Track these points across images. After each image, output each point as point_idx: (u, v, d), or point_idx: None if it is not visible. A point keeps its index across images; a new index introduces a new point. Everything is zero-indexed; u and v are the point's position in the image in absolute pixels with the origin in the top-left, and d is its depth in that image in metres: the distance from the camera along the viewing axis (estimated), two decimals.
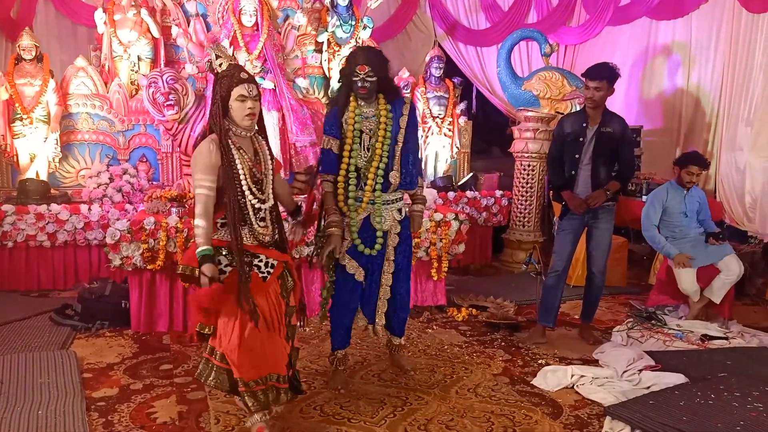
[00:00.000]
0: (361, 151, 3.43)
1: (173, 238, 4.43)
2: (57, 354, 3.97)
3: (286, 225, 3.24)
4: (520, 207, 6.91)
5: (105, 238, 4.50)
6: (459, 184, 7.33)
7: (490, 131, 8.96)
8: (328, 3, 6.90)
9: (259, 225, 2.94)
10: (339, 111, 3.45)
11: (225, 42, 6.05)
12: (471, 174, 7.43)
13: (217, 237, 2.88)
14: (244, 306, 2.78)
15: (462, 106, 7.57)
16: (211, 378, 2.89)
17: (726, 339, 4.45)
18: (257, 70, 6.02)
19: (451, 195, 6.91)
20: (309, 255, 3.76)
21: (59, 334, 4.42)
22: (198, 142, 3.04)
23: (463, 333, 4.62)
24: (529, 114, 6.80)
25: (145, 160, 6.38)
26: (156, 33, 6.44)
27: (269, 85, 6.13)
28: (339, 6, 6.85)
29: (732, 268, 4.77)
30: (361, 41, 7.04)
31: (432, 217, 4.94)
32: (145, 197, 4.98)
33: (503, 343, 4.43)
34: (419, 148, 3.67)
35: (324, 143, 3.46)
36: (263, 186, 2.96)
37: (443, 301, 5.17)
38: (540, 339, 4.43)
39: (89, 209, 5.63)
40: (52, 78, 6.05)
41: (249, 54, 6.03)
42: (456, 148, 7.46)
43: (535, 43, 7.79)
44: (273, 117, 6.08)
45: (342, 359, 3.65)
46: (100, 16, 6.37)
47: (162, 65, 6.43)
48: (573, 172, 4.26)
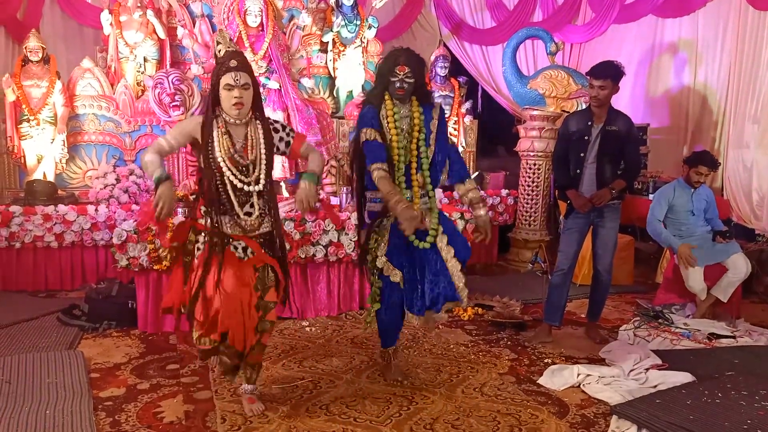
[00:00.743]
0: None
1: None
2: (64, 354, 3.99)
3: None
4: (525, 206, 6.90)
5: (112, 238, 4.52)
6: None
7: (495, 130, 8.94)
8: (332, 3, 6.92)
9: (242, 210, 2.97)
10: (376, 110, 3.36)
11: None
12: (477, 173, 7.43)
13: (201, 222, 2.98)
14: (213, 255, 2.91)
15: (467, 105, 7.56)
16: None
17: (733, 337, 4.43)
18: (262, 70, 6.04)
19: (457, 194, 6.89)
20: (358, 259, 3.62)
21: (66, 334, 4.44)
22: None
23: (469, 332, 4.61)
24: (535, 113, 6.79)
25: None
26: (162, 34, 6.47)
27: (274, 86, 6.14)
28: (344, 6, 6.86)
29: (739, 266, 4.75)
30: (366, 41, 7.05)
31: None
32: (152, 198, 5.00)
33: (509, 342, 4.43)
34: (455, 145, 3.66)
35: (366, 135, 3.30)
36: (249, 171, 2.97)
37: None
38: (546, 338, 4.42)
39: (96, 210, 5.65)
40: (58, 79, 6.07)
41: (254, 54, 6.04)
42: (461, 147, 7.45)
43: (541, 42, 7.79)
44: (278, 117, 6.10)
45: (394, 352, 3.72)
46: (106, 17, 6.41)
47: (168, 66, 6.47)
48: (578, 170, 4.25)
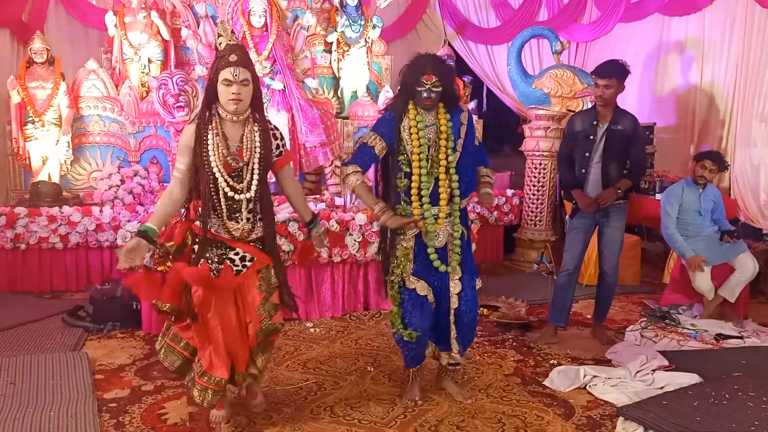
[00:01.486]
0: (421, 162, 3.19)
1: None
2: (69, 355, 3.99)
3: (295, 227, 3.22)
4: (531, 206, 6.87)
5: (116, 239, 4.52)
6: None
7: (500, 130, 8.92)
8: (337, 3, 6.91)
9: (232, 218, 2.89)
10: (397, 117, 3.20)
11: None
12: None
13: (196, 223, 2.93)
14: (185, 298, 2.84)
15: (472, 104, 7.54)
16: (162, 354, 3.02)
17: (741, 338, 4.40)
18: (266, 70, 6.03)
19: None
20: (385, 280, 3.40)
21: (71, 335, 4.44)
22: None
23: (475, 333, 4.58)
24: (540, 112, 6.77)
25: (156, 161, 6.41)
26: (166, 35, 6.47)
27: (279, 86, 6.13)
28: (348, 6, 6.85)
29: (747, 266, 4.71)
30: (370, 41, 7.04)
31: None
32: (156, 199, 5.00)
33: (515, 343, 4.40)
34: (480, 143, 3.56)
35: (367, 138, 3.20)
36: (242, 175, 2.88)
37: None
38: (552, 339, 4.40)
39: (101, 211, 5.66)
40: (63, 81, 6.09)
41: (258, 55, 6.04)
42: None
43: (546, 41, 7.76)
44: (283, 117, 6.09)
45: (417, 372, 3.47)
46: (110, 18, 6.42)
47: (172, 67, 6.48)
48: (583, 170, 4.22)
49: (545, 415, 3.27)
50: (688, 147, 7.06)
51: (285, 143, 3.09)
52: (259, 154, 2.90)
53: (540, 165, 6.77)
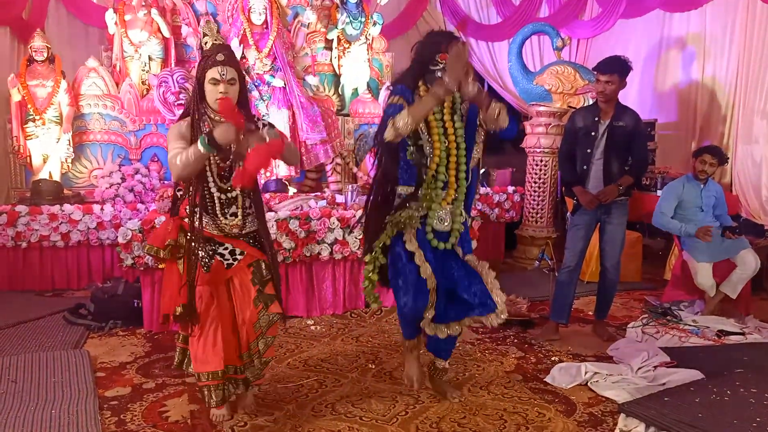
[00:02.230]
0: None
1: None
2: (70, 353, 3.99)
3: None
4: (532, 203, 6.86)
5: (117, 237, 4.52)
6: None
7: None
8: (337, 0, 6.89)
9: (225, 216, 2.93)
10: (410, 91, 3.01)
11: (234, 41, 6.06)
12: (483, 170, 7.38)
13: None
14: (184, 295, 2.89)
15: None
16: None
17: (742, 334, 4.39)
18: (267, 68, 6.03)
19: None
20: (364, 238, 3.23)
21: (72, 333, 4.45)
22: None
23: (476, 330, 4.58)
24: (541, 109, 6.75)
25: (157, 159, 6.41)
26: (166, 33, 6.46)
27: (279, 83, 6.13)
28: (348, 3, 6.84)
29: (748, 262, 4.70)
30: (371, 38, 7.02)
31: None
32: (157, 196, 5.01)
33: (516, 340, 4.40)
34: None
35: (395, 99, 2.97)
36: (232, 172, 2.91)
37: None
38: (553, 336, 4.39)
39: (102, 209, 5.66)
40: (63, 79, 6.08)
41: (259, 52, 6.03)
42: None
43: (547, 38, 7.75)
44: (283, 115, 6.09)
45: (416, 344, 3.37)
46: (110, 16, 6.41)
47: (173, 65, 6.47)
48: (585, 167, 4.21)
49: (547, 412, 3.27)
50: (689, 143, 7.04)
51: (270, 126, 3.10)
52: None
53: (541, 162, 6.76)
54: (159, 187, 6.06)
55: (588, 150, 4.19)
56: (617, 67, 4.08)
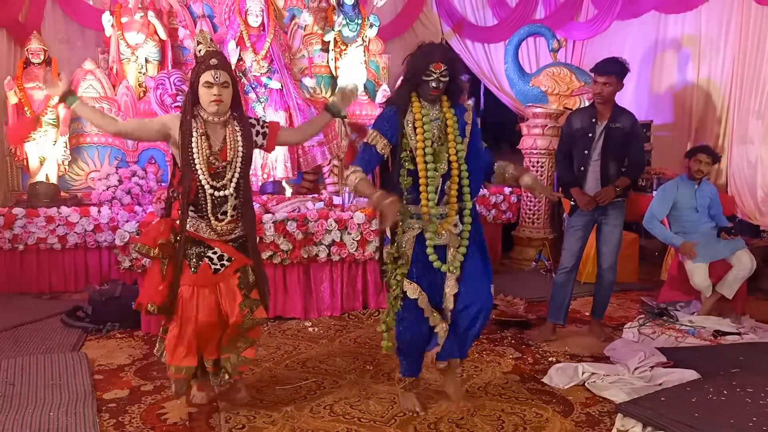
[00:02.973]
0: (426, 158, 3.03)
1: None
2: (68, 356, 3.99)
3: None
4: (529, 204, 6.88)
5: (115, 240, 4.53)
6: None
7: (498, 128, 8.91)
8: (334, 2, 6.90)
9: (216, 216, 3.01)
10: (399, 111, 3.04)
11: (231, 43, 6.07)
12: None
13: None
14: (161, 295, 2.99)
15: (470, 102, 7.53)
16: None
17: (738, 334, 4.41)
18: (264, 70, 6.03)
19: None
20: (383, 277, 3.20)
21: (70, 335, 4.45)
22: None
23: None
24: (538, 110, 6.77)
25: (154, 161, 6.41)
26: (163, 35, 6.47)
27: (276, 85, 6.13)
28: (345, 5, 6.84)
29: (744, 262, 4.72)
30: (368, 40, 7.03)
31: None
32: (154, 199, 5.00)
33: (513, 341, 4.41)
34: (486, 148, 3.42)
35: (369, 137, 3.04)
36: (224, 173, 3.01)
37: None
38: (550, 336, 4.40)
39: (99, 211, 5.66)
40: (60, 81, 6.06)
41: (255, 54, 6.04)
42: None
43: (543, 39, 7.76)
44: (280, 117, 6.10)
45: (413, 383, 3.31)
46: (107, 18, 6.41)
47: (169, 67, 6.47)
48: (582, 168, 4.23)
49: (544, 413, 3.28)
50: (685, 144, 7.05)
51: (263, 121, 3.22)
52: (242, 153, 3.04)
53: (538, 163, 6.78)
54: (156, 190, 6.06)
55: (585, 151, 4.20)
56: (615, 69, 4.09)
